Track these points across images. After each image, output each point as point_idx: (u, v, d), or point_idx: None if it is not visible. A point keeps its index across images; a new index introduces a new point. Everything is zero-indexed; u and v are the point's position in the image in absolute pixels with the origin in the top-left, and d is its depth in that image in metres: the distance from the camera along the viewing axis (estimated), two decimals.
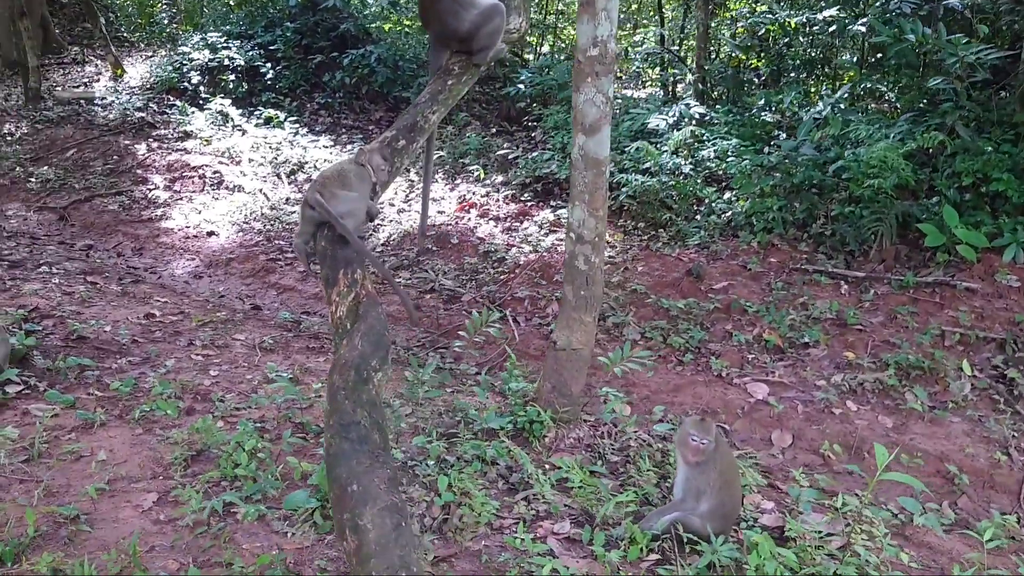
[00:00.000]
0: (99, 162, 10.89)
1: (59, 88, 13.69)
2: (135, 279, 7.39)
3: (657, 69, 12.66)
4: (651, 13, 15.47)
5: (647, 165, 8.28)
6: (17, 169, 10.68)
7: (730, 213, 7.84)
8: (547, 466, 4.36)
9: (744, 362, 6.19)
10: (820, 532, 3.82)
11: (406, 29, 14.56)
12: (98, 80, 14.04)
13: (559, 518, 3.92)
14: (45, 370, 4.93)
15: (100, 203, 9.88)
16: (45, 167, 10.73)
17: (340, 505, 2.38)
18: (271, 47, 12.73)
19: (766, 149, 7.97)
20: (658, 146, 8.44)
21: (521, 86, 11.07)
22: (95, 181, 10.36)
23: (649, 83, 14.24)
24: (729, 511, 3.82)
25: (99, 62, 14.73)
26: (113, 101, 12.66)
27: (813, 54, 9.58)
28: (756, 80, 9.91)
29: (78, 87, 13.85)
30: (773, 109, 8.53)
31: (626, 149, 8.63)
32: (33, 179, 10.43)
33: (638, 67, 12.98)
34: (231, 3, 14.61)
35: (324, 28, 12.93)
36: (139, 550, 3.36)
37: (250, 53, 12.53)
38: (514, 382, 5.03)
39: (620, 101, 10.41)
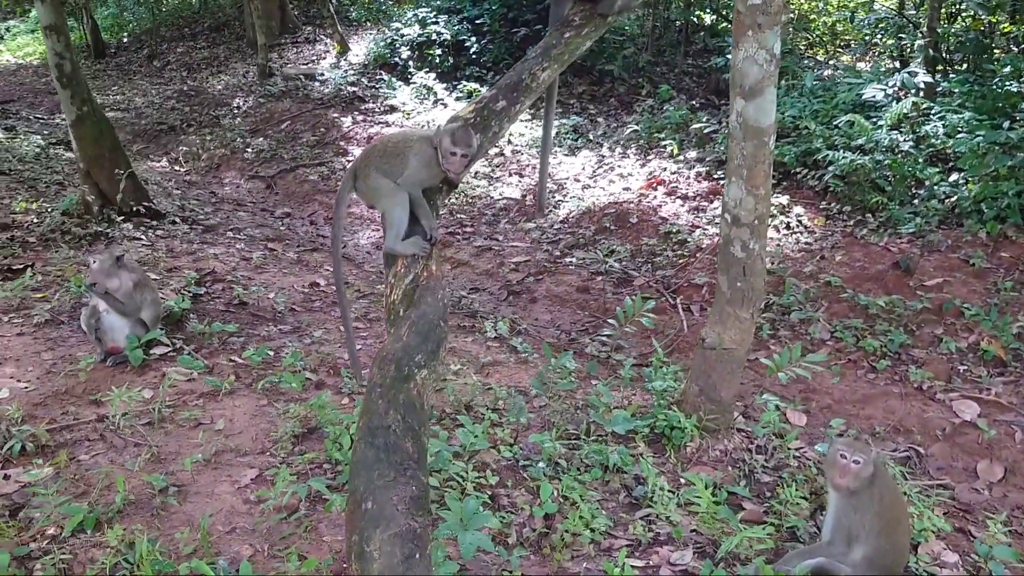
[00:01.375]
0: (308, 134, 11.36)
1: (288, 65, 14.51)
2: (314, 247, 7.52)
3: (887, 37, 11.22)
4: None
5: (859, 141, 7.26)
6: (237, 140, 11.38)
7: (955, 198, 6.68)
8: (681, 481, 3.80)
9: (953, 374, 5.20)
10: None
11: None
12: (325, 58, 14.71)
13: (681, 545, 3.37)
14: (196, 333, 5.02)
15: (303, 173, 10.27)
16: (261, 138, 11.36)
17: (351, 523, 2.04)
18: (477, 20, 12.67)
19: (1006, 124, 6.69)
20: (874, 120, 7.37)
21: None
22: (302, 152, 10.81)
23: (883, 54, 12.72)
24: (891, 562, 3.09)
25: (328, 41, 15.45)
26: (330, 77, 13.19)
27: None
28: (1004, 45, 8.42)
29: (306, 64, 14.61)
30: (1022, 79, 7.17)
31: (837, 124, 7.63)
32: (250, 150, 11.07)
33: (866, 35, 11.56)
34: None
35: (531, 1, 12.68)
36: (220, 530, 3.24)
37: (456, 27, 12.55)
38: (659, 380, 4.47)
39: (837, 71, 9.28)
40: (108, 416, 3.99)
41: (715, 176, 8.25)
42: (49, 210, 7.11)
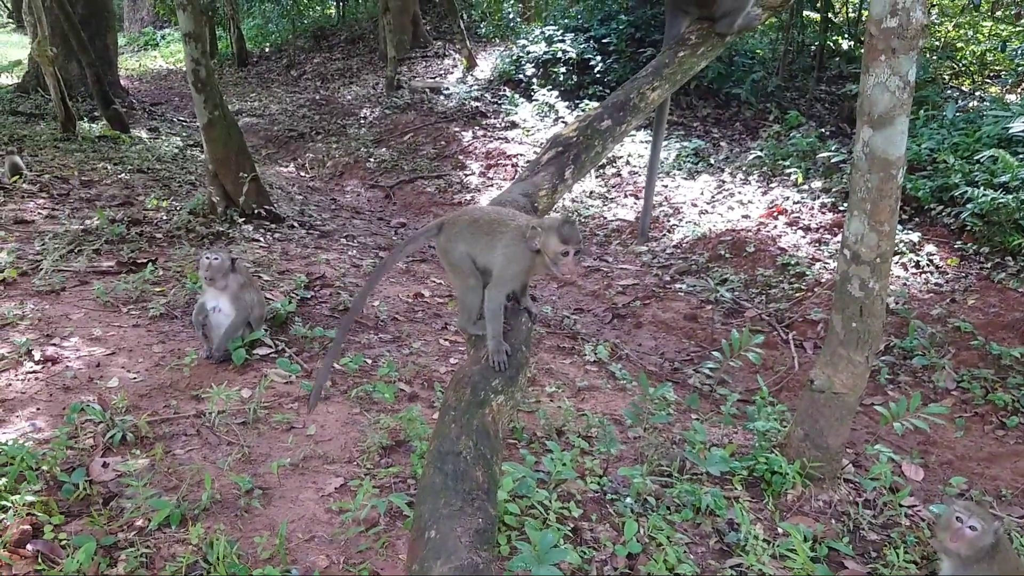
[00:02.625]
0: (429, 146, 11.54)
1: (416, 78, 14.83)
2: (422, 259, 7.58)
3: None
4: None
5: (1003, 178, 6.74)
6: (361, 149, 11.67)
7: None
8: (778, 530, 3.56)
9: None
10: None
11: None
12: (452, 72, 14.97)
13: None
14: (298, 337, 5.11)
15: (421, 184, 10.42)
16: (383, 149, 11.61)
17: (412, 550, 1.95)
18: (604, 40, 12.58)
19: None
20: (1021, 157, 6.84)
21: None
22: (421, 164, 10.97)
23: None
24: None
25: (456, 56, 15.72)
26: (455, 91, 13.38)
27: None
28: None
29: (433, 78, 14.90)
30: None
31: (979, 159, 7.12)
32: (372, 159, 11.33)
33: (1019, 65, 10.81)
34: None
35: (660, 22, 12.46)
36: (299, 537, 3.24)
37: (583, 46, 12.50)
38: (762, 420, 4.23)
39: (983, 103, 8.70)
40: (206, 412, 4.08)
41: (840, 208, 7.84)
42: (178, 208, 7.44)
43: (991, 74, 12.83)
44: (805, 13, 12.21)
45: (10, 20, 32.74)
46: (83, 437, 3.77)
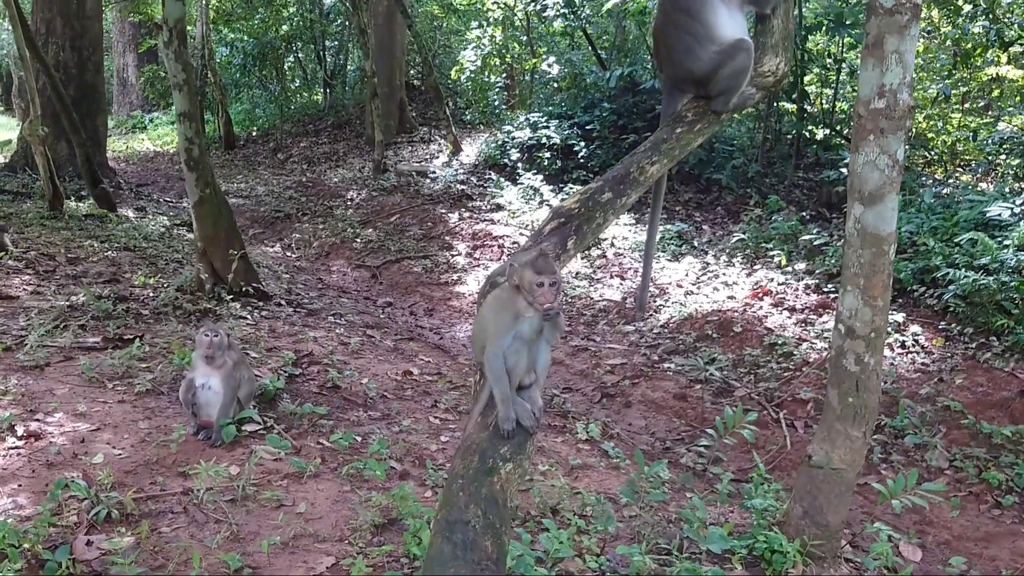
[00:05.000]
0: (416, 227, 11.64)
1: (402, 162, 15.07)
2: (410, 337, 7.55)
3: (1012, 158, 10.82)
4: (1016, 99, 13.45)
5: (983, 260, 6.88)
6: (348, 230, 11.75)
7: None
8: None
9: None
10: None
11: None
12: (438, 157, 15.24)
13: None
14: (287, 413, 5.04)
15: (407, 264, 10.47)
16: (370, 230, 11.69)
17: None
18: (587, 127, 12.89)
19: None
20: (999, 239, 7.00)
21: (844, 170, 9.98)
22: (408, 244, 11.05)
23: (1007, 174, 12.25)
24: None
25: (442, 141, 16.03)
26: (441, 175, 13.60)
27: None
28: None
29: (419, 162, 15.15)
30: None
31: (958, 241, 7.28)
32: (358, 240, 11.40)
33: (989, 155, 11.19)
34: (558, 86, 15.15)
35: (641, 109, 12.85)
36: None
37: (567, 132, 12.79)
38: (759, 498, 4.18)
39: (956, 190, 8.96)
40: (193, 489, 3.98)
41: (825, 289, 7.95)
42: (165, 285, 7.41)
43: (961, 163, 13.25)
44: (781, 103, 12.61)
45: None
46: (67, 514, 3.66)
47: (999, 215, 7.31)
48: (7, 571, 3.07)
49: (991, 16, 10.55)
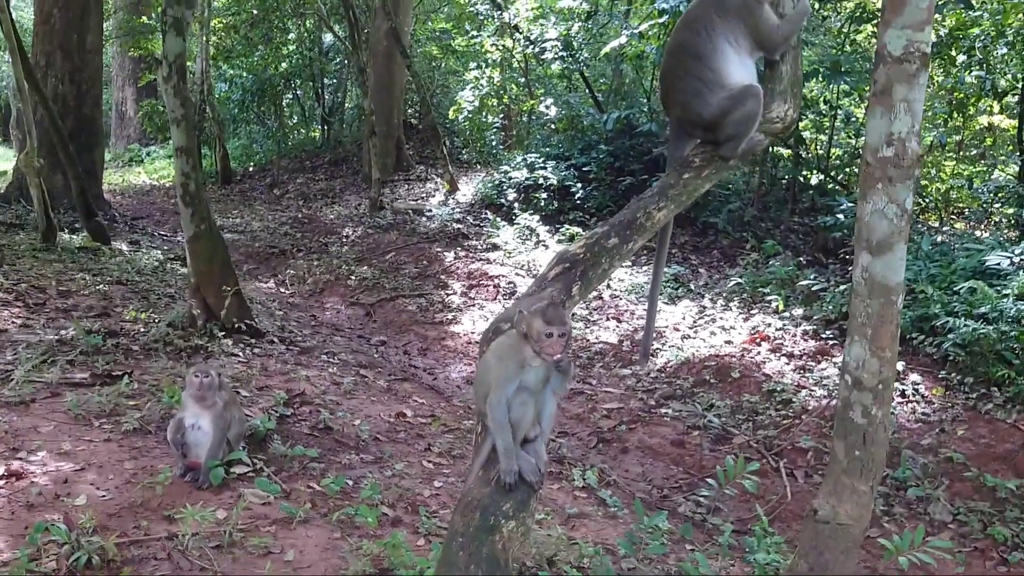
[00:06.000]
0: (411, 265, 11.57)
1: (399, 200, 15.06)
2: (404, 377, 7.44)
3: (1007, 207, 10.86)
4: (1009, 148, 13.57)
5: (982, 309, 6.84)
6: (343, 267, 11.67)
7: None
8: None
9: None
10: None
11: None
12: (434, 195, 15.23)
13: None
14: (277, 455, 4.91)
15: (402, 303, 10.38)
16: (365, 267, 11.62)
17: None
18: (584, 168, 12.93)
19: None
20: (998, 288, 6.97)
21: (840, 216, 10.01)
22: (403, 282, 10.97)
23: (1001, 223, 12.30)
24: None
25: (438, 180, 16.04)
26: (437, 213, 13.58)
27: None
28: None
29: (415, 200, 15.13)
30: None
31: (957, 290, 7.25)
32: (353, 277, 11.31)
33: (984, 204, 11.24)
34: (556, 127, 15.23)
35: (638, 152, 12.90)
36: None
37: (564, 173, 12.81)
38: (762, 552, 4.07)
39: (950, 237, 8.96)
40: (178, 535, 3.85)
41: (823, 335, 7.90)
42: (156, 321, 7.30)
43: (955, 211, 13.32)
44: (776, 149, 12.67)
45: None
46: (45, 560, 3.52)
47: (998, 264, 7.29)
48: None
49: (986, 66, 10.65)
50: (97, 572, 3.49)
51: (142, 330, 7.04)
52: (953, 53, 10.98)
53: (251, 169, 20.25)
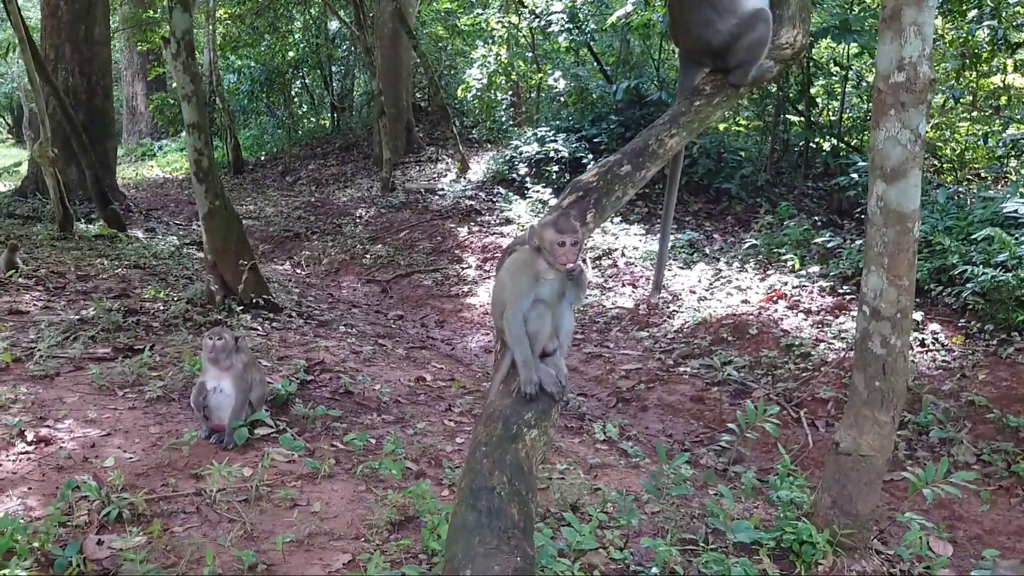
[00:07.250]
0: (425, 242, 11.60)
1: (410, 181, 15.07)
2: (423, 346, 7.48)
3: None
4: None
5: (1000, 257, 6.78)
6: (358, 247, 11.72)
7: None
8: None
9: None
10: None
11: (735, 126, 14.09)
12: (446, 175, 15.22)
13: None
14: (299, 417, 4.96)
15: (418, 278, 10.42)
16: (379, 245, 11.66)
17: None
18: (595, 139, 12.87)
19: None
20: (1016, 236, 6.91)
21: (855, 175, 9.93)
22: (418, 259, 11.01)
23: (1016, 181, 12.16)
24: None
25: (449, 160, 16.03)
26: (449, 191, 13.59)
27: None
28: None
29: (427, 181, 15.14)
30: None
31: (975, 238, 7.19)
32: (368, 256, 11.36)
33: (1000, 158, 11.11)
34: (565, 101, 15.17)
35: (648, 121, 12.68)
36: None
37: (575, 145, 12.77)
38: (784, 490, 4.07)
39: (968, 191, 8.87)
40: (206, 490, 3.90)
41: (840, 291, 7.85)
42: (175, 299, 7.36)
43: (970, 172, 13.16)
44: (788, 114, 12.58)
45: (10, 136, 33.45)
46: (77, 514, 3.57)
47: (1015, 211, 7.21)
48: (15, 568, 2.99)
49: (999, 18, 10.49)
50: (128, 525, 3.54)
51: (161, 308, 7.11)
52: (963, 7, 10.82)
53: (263, 158, 20.32)
